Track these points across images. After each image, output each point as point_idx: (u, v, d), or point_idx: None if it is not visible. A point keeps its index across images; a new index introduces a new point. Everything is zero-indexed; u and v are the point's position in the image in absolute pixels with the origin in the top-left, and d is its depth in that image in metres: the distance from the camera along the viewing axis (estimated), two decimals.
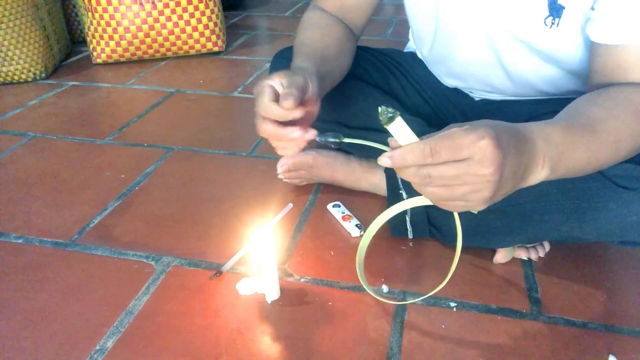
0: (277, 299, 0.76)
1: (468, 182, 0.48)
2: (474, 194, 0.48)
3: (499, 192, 0.50)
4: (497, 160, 0.46)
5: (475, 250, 0.85)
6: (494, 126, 0.48)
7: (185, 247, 0.88)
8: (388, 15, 2.43)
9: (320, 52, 0.75)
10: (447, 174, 0.47)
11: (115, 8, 1.70)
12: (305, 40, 0.79)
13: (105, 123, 1.36)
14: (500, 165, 0.47)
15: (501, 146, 0.47)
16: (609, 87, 0.62)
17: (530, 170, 0.51)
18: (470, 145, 0.46)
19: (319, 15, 0.86)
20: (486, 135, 0.46)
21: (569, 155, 0.54)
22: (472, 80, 0.87)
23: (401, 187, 0.87)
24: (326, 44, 0.79)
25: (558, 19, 0.69)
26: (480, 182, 0.47)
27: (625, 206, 0.66)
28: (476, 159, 0.46)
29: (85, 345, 0.69)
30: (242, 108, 1.44)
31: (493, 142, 0.46)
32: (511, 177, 0.49)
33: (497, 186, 0.48)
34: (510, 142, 0.48)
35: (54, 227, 0.93)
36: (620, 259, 0.85)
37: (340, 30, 0.84)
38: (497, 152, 0.46)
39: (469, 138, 0.46)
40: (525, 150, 0.50)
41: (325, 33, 0.81)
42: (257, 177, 1.09)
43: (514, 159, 0.48)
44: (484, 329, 0.72)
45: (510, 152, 0.48)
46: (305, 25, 0.83)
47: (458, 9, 0.78)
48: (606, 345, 0.69)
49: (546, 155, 0.52)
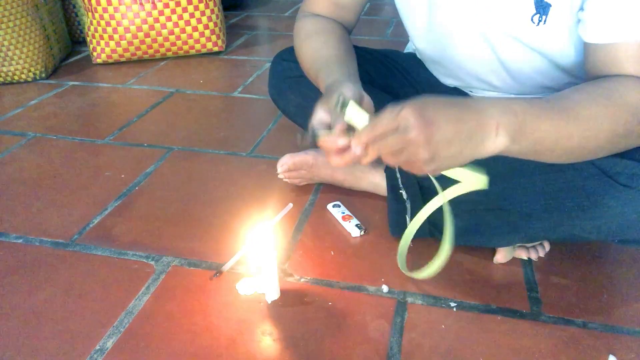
0: (277, 299, 0.76)
1: (405, 147, 0.54)
2: (414, 155, 0.54)
3: (439, 154, 0.54)
4: (418, 124, 0.52)
5: (475, 250, 0.85)
6: (422, 99, 0.55)
7: (185, 247, 0.88)
8: (388, 15, 2.43)
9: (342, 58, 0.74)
10: (389, 143, 0.55)
11: (115, 8, 1.70)
12: (318, 51, 0.78)
13: (105, 123, 1.36)
14: (423, 129, 0.52)
15: (422, 114, 0.53)
16: (602, 78, 0.63)
17: (480, 137, 0.55)
18: (396, 117, 0.54)
19: (312, 22, 0.85)
20: (405, 106, 0.53)
21: (532, 126, 0.56)
22: (471, 79, 0.87)
23: (401, 186, 0.87)
24: (338, 47, 0.78)
25: (545, 16, 0.70)
26: (412, 145, 0.53)
27: (625, 204, 0.66)
28: (402, 126, 0.53)
29: (85, 345, 0.69)
30: (242, 108, 1.44)
31: (411, 111, 0.53)
32: (451, 140, 0.53)
33: (431, 149, 0.53)
34: (440, 110, 0.54)
35: (54, 227, 0.93)
36: (620, 259, 0.85)
37: (339, 30, 0.84)
38: (418, 118, 0.52)
39: (394, 112, 0.54)
40: (466, 118, 0.54)
41: (330, 38, 0.80)
42: (257, 177, 1.09)
43: (448, 124, 0.53)
44: (484, 329, 0.72)
45: (441, 117, 0.53)
46: (304, 36, 0.83)
47: (451, 9, 0.78)
48: (606, 345, 0.69)
49: (500, 123, 0.55)
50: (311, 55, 0.79)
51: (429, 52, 0.90)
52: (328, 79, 0.69)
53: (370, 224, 0.93)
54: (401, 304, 0.76)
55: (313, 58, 0.78)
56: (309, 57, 0.79)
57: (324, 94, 0.65)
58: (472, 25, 0.77)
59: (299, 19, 0.87)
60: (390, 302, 0.76)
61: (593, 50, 0.65)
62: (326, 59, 0.75)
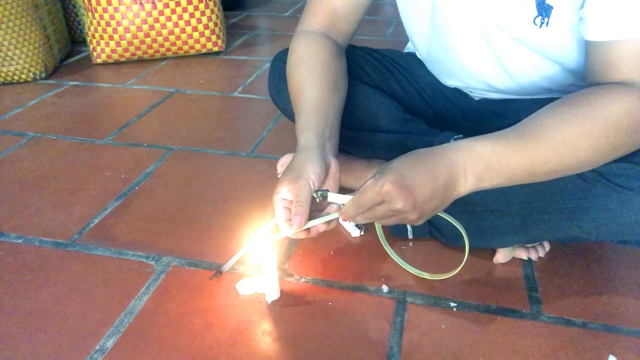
0: (277, 299, 0.76)
1: (394, 215, 0.60)
2: (404, 220, 0.61)
3: (425, 211, 0.61)
4: (402, 199, 0.57)
5: (475, 250, 0.84)
6: (397, 167, 0.59)
7: (185, 247, 0.88)
8: (388, 15, 2.43)
9: (321, 106, 0.75)
10: (377, 214, 0.61)
11: (115, 8, 1.70)
12: (301, 88, 0.78)
13: (105, 123, 1.36)
14: (409, 200, 0.58)
15: (404, 184, 0.57)
16: (584, 92, 0.63)
17: (453, 185, 0.60)
18: (378, 194, 0.58)
19: (305, 44, 0.83)
20: (386, 183, 0.57)
21: (501, 163, 0.60)
22: (471, 80, 0.87)
23: None
24: (321, 86, 0.77)
25: (547, 18, 0.70)
26: (400, 213, 0.59)
27: (625, 206, 0.67)
28: (387, 200, 0.58)
29: (85, 345, 0.69)
30: (242, 108, 1.44)
31: (392, 186, 0.57)
32: (431, 197, 0.59)
33: (417, 211, 0.59)
34: (417, 175, 0.58)
35: (54, 227, 0.93)
36: (620, 259, 0.85)
37: (330, 56, 0.82)
38: (400, 193, 0.57)
39: (375, 189, 0.58)
40: (438, 174, 0.59)
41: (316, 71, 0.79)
42: (257, 177, 1.09)
43: (425, 186, 0.58)
44: (484, 329, 0.72)
45: (418, 182, 0.58)
46: (293, 62, 0.82)
47: (453, 8, 0.78)
48: (606, 345, 0.69)
49: (467, 168, 0.60)
50: (295, 91, 0.79)
51: (430, 52, 0.90)
52: (301, 137, 0.71)
53: (370, 224, 0.93)
54: (401, 304, 0.76)
55: (296, 95, 0.79)
56: (294, 90, 0.80)
57: (291, 162, 0.68)
58: (473, 26, 0.77)
59: (295, 35, 0.87)
60: (390, 302, 0.76)
61: (593, 49, 0.65)
62: (305, 103, 0.76)
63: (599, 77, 0.65)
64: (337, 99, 0.78)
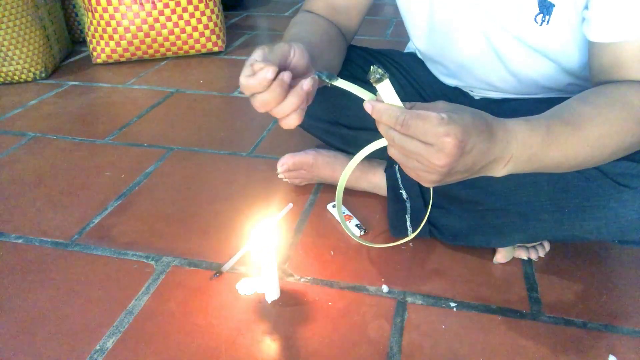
0: (277, 299, 0.76)
1: (421, 162, 0.52)
2: (423, 172, 0.53)
3: (447, 179, 0.54)
4: (451, 158, 0.50)
5: (475, 250, 0.85)
6: (470, 125, 0.51)
7: (185, 247, 0.88)
8: (388, 15, 2.43)
9: (308, 39, 0.71)
10: (407, 146, 0.52)
11: (115, 8, 1.70)
12: (292, 33, 0.75)
13: (105, 123, 1.36)
14: (453, 163, 0.51)
15: (462, 148, 0.50)
16: (604, 85, 0.63)
17: (490, 167, 0.56)
18: (436, 136, 0.49)
19: (305, 14, 0.84)
20: (453, 134, 0.49)
21: (540, 157, 0.57)
22: (472, 79, 0.87)
23: (401, 186, 0.87)
24: (314, 33, 0.75)
25: (548, 16, 0.70)
26: (430, 167, 0.52)
27: (625, 205, 0.67)
28: (434, 148, 0.50)
29: (85, 345, 0.69)
30: (242, 108, 1.44)
31: (455, 143, 0.49)
32: (463, 170, 0.53)
33: (445, 176, 0.53)
34: (476, 145, 0.51)
35: (54, 227, 0.93)
36: (620, 259, 0.85)
37: (329, 26, 0.82)
38: (455, 152, 0.50)
39: (438, 129, 0.49)
40: (491, 153, 0.53)
41: (314, 28, 0.78)
42: (257, 177, 1.09)
43: (472, 158, 0.52)
44: (484, 329, 0.72)
45: (471, 153, 0.52)
46: (291, 25, 0.81)
47: (454, 6, 0.78)
48: (606, 345, 0.69)
49: (514, 156, 0.55)
50: (285, 37, 0.75)
51: (430, 51, 0.90)
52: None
53: (370, 224, 0.93)
54: (401, 304, 0.76)
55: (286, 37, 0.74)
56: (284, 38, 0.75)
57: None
58: (474, 24, 0.77)
59: (297, 14, 0.87)
60: (390, 302, 0.76)
61: (598, 50, 0.64)
62: (292, 35, 0.72)
63: (605, 77, 0.64)
64: (332, 52, 0.73)
